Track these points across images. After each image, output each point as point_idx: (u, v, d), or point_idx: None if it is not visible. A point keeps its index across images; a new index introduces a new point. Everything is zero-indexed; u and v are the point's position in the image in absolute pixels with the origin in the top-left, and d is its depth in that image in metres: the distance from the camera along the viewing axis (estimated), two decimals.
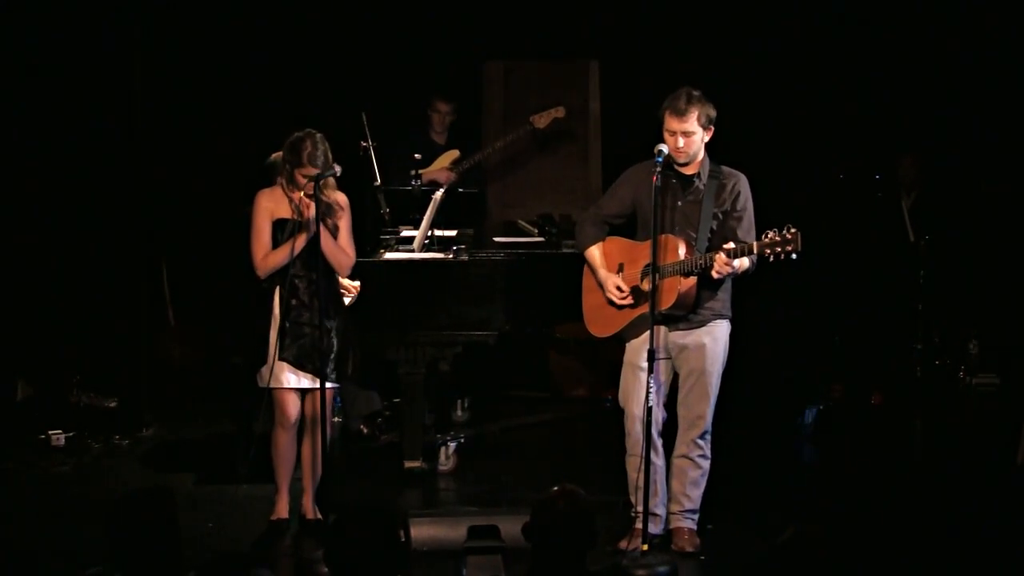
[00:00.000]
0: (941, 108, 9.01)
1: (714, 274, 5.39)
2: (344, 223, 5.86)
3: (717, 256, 5.36)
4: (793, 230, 5.24)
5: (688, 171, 5.57)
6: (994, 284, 8.93)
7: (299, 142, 5.71)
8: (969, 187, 9.04)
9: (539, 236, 7.55)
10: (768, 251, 5.28)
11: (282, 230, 5.76)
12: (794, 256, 5.23)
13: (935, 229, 8.75)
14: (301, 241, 5.68)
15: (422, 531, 5.41)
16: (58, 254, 8.50)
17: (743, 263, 5.44)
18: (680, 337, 5.60)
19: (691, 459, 5.64)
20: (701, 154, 5.58)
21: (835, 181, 9.06)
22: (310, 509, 5.92)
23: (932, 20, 8.92)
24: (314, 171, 5.64)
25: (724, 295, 5.62)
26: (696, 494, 5.67)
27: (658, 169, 5.40)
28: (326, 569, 3.58)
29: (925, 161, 8.89)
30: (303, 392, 5.83)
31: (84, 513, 6.05)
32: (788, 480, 6.91)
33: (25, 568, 5.54)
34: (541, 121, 8.31)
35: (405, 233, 7.16)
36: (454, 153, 8.39)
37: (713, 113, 5.53)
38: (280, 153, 6.00)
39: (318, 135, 5.73)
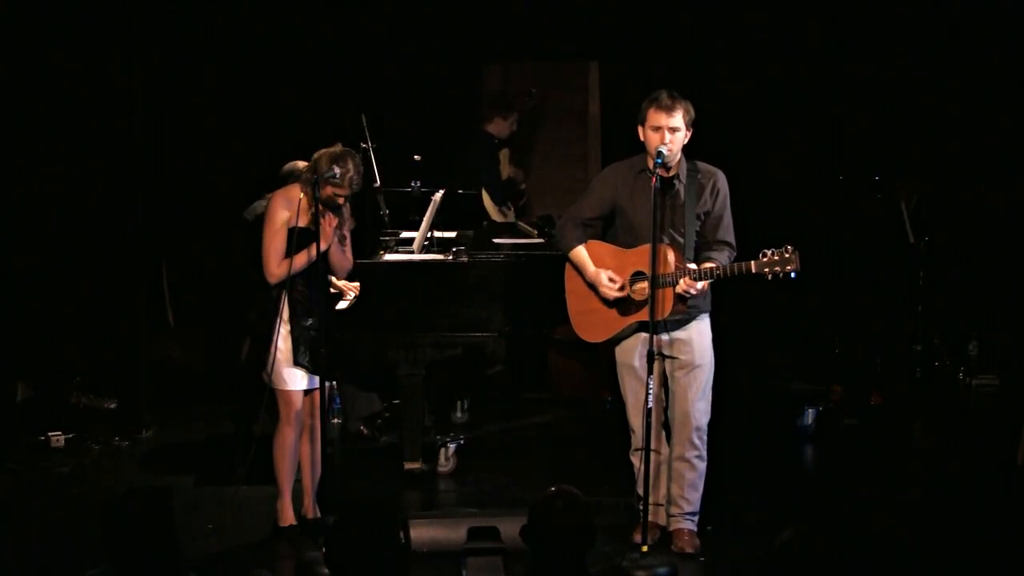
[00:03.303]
0: (941, 109, 9.01)
1: (677, 291, 5.39)
2: (348, 231, 5.86)
3: (682, 280, 5.36)
4: (791, 248, 5.22)
5: (667, 173, 5.53)
6: (994, 285, 8.94)
7: (342, 160, 5.58)
8: (969, 188, 9.04)
9: (539, 237, 7.56)
10: (767, 270, 5.26)
11: (296, 237, 5.66)
12: (793, 275, 5.22)
13: (935, 230, 8.75)
14: (314, 252, 5.63)
15: (422, 532, 5.42)
16: (58, 255, 8.51)
17: (706, 285, 5.44)
18: (668, 335, 5.59)
19: (688, 461, 5.64)
20: (678, 155, 5.54)
21: (835, 182, 9.07)
22: (310, 509, 5.91)
23: (932, 20, 8.92)
24: (345, 191, 5.60)
25: (707, 291, 5.61)
26: (695, 496, 5.67)
27: (658, 171, 5.39)
28: (326, 570, 3.58)
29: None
30: (304, 391, 5.82)
31: (84, 513, 6.04)
32: (788, 480, 6.91)
33: (25, 568, 5.54)
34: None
35: (404, 235, 7.17)
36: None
37: (694, 114, 5.50)
38: (297, 163, 5.97)
39: (358, 157, 5.68)
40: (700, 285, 5.40)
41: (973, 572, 5.52)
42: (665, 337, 5.58)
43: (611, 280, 5.57)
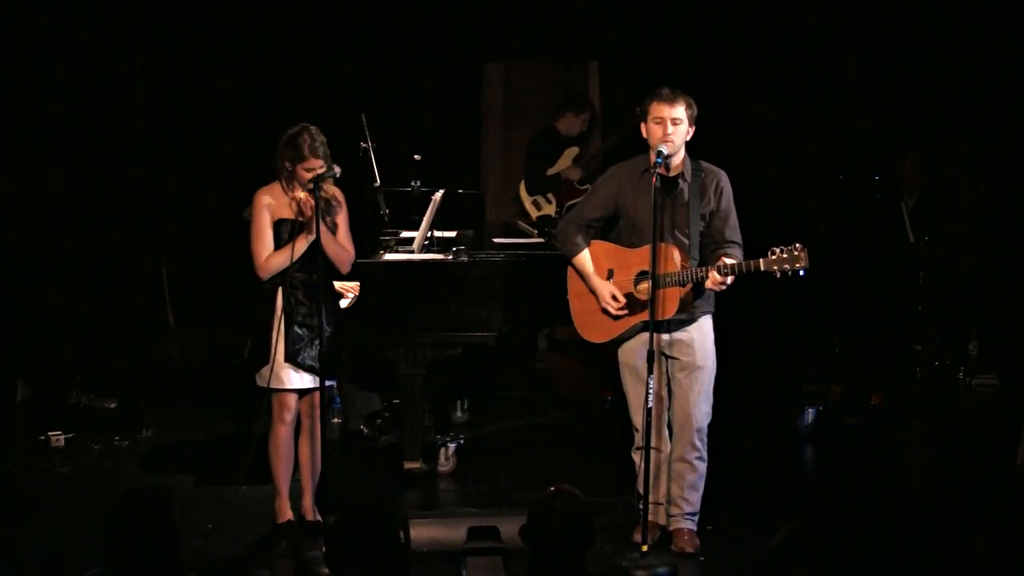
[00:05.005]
0: (942, 109, 9.01)
1: (707, 287, 5.40)
2: (342, 219, 5.81)
3: (711, 274, 5.35)
4: (800, 246, 5.21)
5: (671, 172, 5.53)
6: (994, 284, 8.94)
7: (296, 137, 5.63)
8: (969, 188, 9.04)
9: (538, 237, 7.56)
10: (776, 268, 5.26)
11: (283, 230, 5.72)
12: (802, 273, 5.22)
13: (935, 230, 8.75)
14: (303, 242, 5.65)
15: (422, 532, 5.41)
16: (58, 255, 8.50)
17: (732, 280, 5.42)
18: (669, 335, 5.59)
19: (688, 462, 5.63)
20: (682, 154, 5.53)
21: (835, 182, 9.07)
22: (309, 510, 5.90)
23: (933, 21, 8.93)
24: (317, 162, 5.58)
25: (710, 292, 5.60)
26: (695, 497, 5.67)
27: (658, 170, 5.38)
28: (326, 570, 3.58)
29: (926, 162, 8.90)
30: (301, 391, 5.81)
31: (84, 513, 6.04)
32: (788, 480, 6.91)
33: (25, 568, 5.54)
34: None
35: (404, 234, 7.17)
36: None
37: (696, 110, 5.50)
38: None
39: (313, 127, 5.66)
40: (730, 279, 5.39)
41: (973, 572, 5.52)
42: (666, 337, 5.58)
43: (614, 298, 5.57)
